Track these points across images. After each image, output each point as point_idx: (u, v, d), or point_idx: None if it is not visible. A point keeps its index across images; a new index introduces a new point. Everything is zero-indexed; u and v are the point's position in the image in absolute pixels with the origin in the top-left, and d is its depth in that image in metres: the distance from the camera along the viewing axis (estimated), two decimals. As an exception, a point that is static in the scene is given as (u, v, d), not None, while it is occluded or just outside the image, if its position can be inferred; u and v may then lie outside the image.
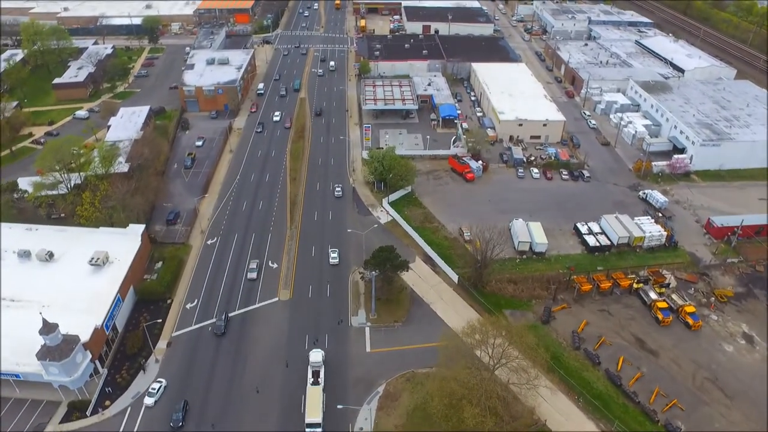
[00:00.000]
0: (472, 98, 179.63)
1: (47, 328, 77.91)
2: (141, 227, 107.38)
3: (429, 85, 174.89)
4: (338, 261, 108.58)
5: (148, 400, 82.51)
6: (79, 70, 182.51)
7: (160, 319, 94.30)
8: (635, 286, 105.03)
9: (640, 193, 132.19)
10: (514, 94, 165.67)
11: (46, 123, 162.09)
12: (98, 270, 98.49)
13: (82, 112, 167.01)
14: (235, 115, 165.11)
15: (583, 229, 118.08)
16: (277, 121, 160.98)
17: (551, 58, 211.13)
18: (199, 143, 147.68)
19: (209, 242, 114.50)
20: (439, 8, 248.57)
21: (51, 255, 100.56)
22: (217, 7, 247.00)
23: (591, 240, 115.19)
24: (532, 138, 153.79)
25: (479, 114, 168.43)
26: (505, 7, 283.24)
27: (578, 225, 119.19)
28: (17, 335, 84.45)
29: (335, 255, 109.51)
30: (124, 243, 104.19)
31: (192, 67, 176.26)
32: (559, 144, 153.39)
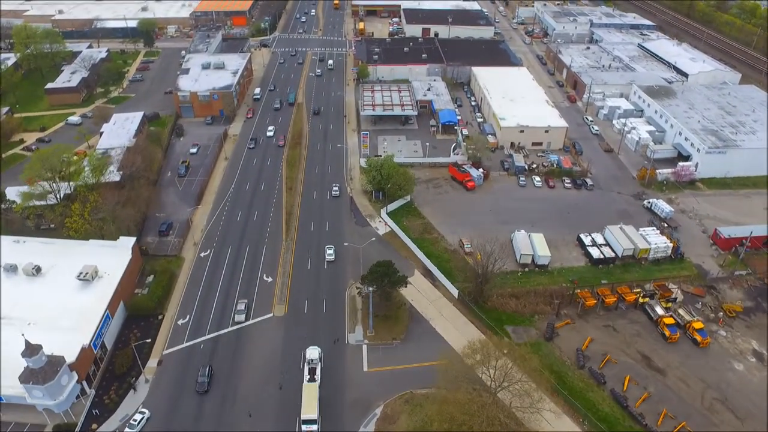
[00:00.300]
0: (473, 103, 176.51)
1: (30, 350, 74.78)
2: (132, 240, 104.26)
3: (428, 89, 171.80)
4: (334, 258, 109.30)
5: (128, 432, 78.51)
6: (72, 75, 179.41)
7: (149, 339, 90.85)
8: (641, 300, 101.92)
9: (645, 202, 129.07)
10: (515, 99, 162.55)
11: (38, 129, 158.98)
12: (87, 285, 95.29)
13: (75, 117, 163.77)
14: (230, 121, 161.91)
15: (587, 240, 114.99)
16: (271, 136, 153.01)
17: (553, 62, 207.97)
18: (194, 150, 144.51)
19: (202, 254, 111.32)
20: (439, 11, 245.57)
21: (38, 269, 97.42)
22: (214, 9, 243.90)
23: (595, 252, 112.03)
24: (534, 145, 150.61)
25: (480, 120, 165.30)
26: (505, 9, 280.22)
27: (582, 236, 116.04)
28: (1, 355, 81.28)
29: (331, 252, 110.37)
30: (114, 256, 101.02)
31: (187, 71, 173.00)
32: (561, 151, 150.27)
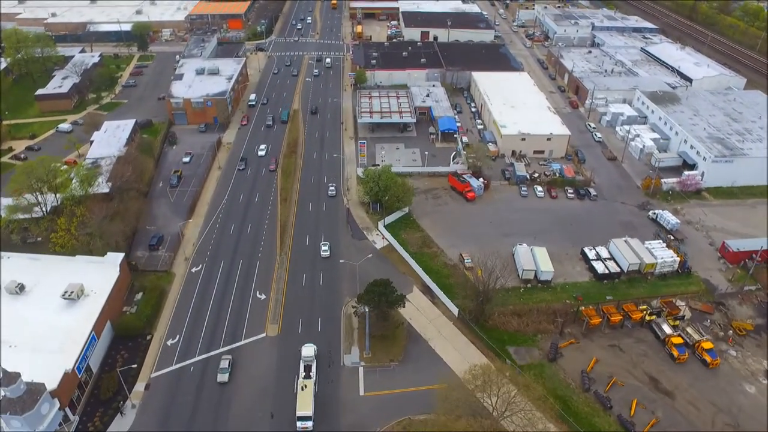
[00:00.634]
0: (473, 109, 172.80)
1: (7, 379, 71.03)
2: (120, 256, 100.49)
3: (427, 95, 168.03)
4: (329, 254, 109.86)
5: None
6: (63, 80, 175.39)
7: (135, 365, 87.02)
8: (647, 318, 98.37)
9: (650, 213, 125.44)
10: (516, 106, 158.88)
11: (27, 136, 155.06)
12: (72, 304, 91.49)
13: (66, 125, 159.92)
14: (225, 129, 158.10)
15: (591, 254, 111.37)
16: (262, 156, 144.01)
17: (554, 66, 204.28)
18: (186, 159, 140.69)
19: (194, 270, 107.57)
20: (438, 14, 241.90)
21: (22, 288, 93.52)
22: (210, 12, 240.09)
23: (599, 267, 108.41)
24: (536, 153, 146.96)
25: (480, 126, 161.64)
26: (505, 12, 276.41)
27: (585, 250, 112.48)
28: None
29: (326, 248, 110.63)
30: (101, 273, 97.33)
31: (180, 77, 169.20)
32: (563, 159, 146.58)
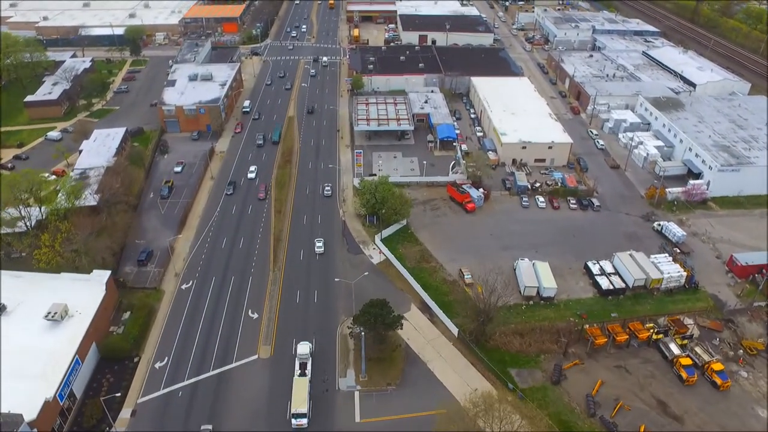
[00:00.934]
0: (472, 116, 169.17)
1: (-18, 412, 67.31)
2: (106, 274, 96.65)
3: (426, 102, 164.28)
4: (323, 250, 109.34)
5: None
6: (53, 87, 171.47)
7: (119, 393, 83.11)
8: (654, 337, 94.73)
9: (655, 225, 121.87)
10: (516, 112, 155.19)
11: (15, 145, 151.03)
12: (55, 326, 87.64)
13: (55, 133, 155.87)
14: (218, 136, 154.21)
15: (595, 268, 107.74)
16: (252, 178, 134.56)
17: (554, 71, 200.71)
18: (178, 169, 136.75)
19: (184, 287, 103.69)
20: (437, 17, 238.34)
21: (3, 308, 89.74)
22: (204, 16, 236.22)
23: (604, 282, 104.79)
24: (537, 161, 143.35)
25: (479, 134, 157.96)
26: (504, 15, 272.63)
27: (589, 264, 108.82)
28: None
29: (320, 245, 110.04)
30: (86, 292, 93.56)
31: (173, 83, 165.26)
32: (565, 168, 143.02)
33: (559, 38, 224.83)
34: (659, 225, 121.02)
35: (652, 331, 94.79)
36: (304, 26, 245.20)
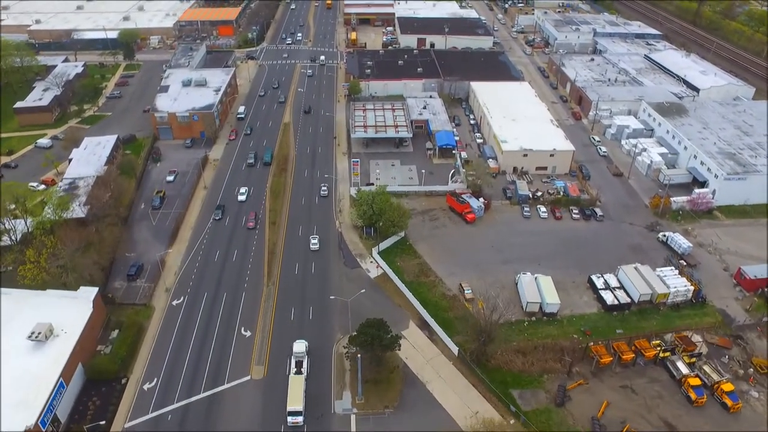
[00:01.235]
0: (472, 121, 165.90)
1: (-42, 445, 63.86)
2: (93, 291, 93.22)
3: (424, 108, 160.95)
4: (318, 247, 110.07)
5: None
6: (44, 92, 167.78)
7: (103, 421, 79.65)
8: (661, 355, 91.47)
9: (660, 236, 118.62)
10: (517, 119, 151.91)
11: (5, 153, 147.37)
12: (39, 347, 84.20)
13: (45, 140, 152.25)
14: (212, 144, 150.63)
15: (599, 282, 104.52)
16: (243, 201, 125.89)
17: (555, 75, 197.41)
18: (170, 178, 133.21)
19: (175, 303, 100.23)
20: (435, 19, 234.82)
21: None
22: (200, 19, 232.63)
23: (608, 297, 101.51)
24: (538, 169, 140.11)
25: (479, 140, 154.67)
26: (504, 17, 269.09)
27: (593, 278, 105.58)
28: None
29: (315, 242, 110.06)
30: (72, 310, 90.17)
31: (166, 89, 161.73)
32: (567, 175, 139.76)
33: (560, 41, 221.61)
34: (664, 236, 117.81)
35: (659, 349, 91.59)
36: (299, 34, 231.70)
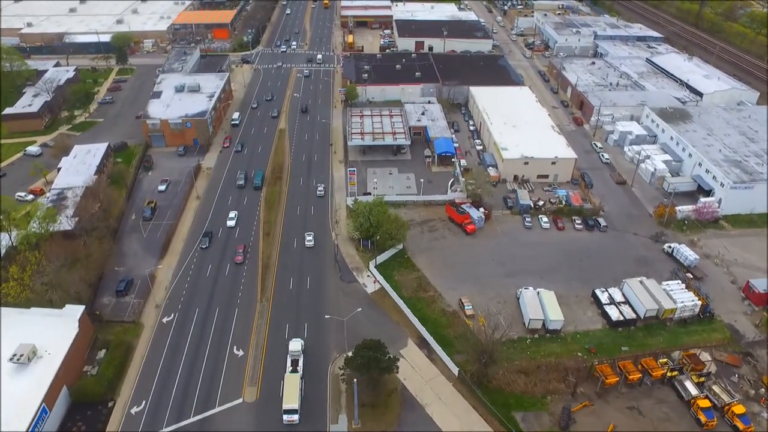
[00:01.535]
0: (471, 128, 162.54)
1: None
2: (80, 309, 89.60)
3: (422, 114, 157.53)
4: (313, 244, 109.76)
5: None
6: (34, 98, 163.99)
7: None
8: (669, 374, 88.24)
9: (665, 247, 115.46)
10: (517, 125, 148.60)
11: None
12: (21, 369, 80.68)
13: (35, 147, 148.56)
14: (205, 151, 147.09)
15: (603, 297, 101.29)
16: (232, 227, 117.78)
17: (556, 79, 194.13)
18: (162, 188, 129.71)
19: (165, 320, 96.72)
20: (433, 22, 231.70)
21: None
22: (194, 22, 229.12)
23: (613, 312, 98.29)
24: (540, 177, 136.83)
25: (479, 147, 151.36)
26: (503, 19, 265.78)
27: (597, 292, 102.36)
28: None
29: (310, 239, 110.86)
30: (57, 329, 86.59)
31: (159, 95, 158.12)
32: (569, 184, 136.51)
33: (560, 44, 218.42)
34: (670, 247, 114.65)
35: (666, 368, 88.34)
36: (294, 42, 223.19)
